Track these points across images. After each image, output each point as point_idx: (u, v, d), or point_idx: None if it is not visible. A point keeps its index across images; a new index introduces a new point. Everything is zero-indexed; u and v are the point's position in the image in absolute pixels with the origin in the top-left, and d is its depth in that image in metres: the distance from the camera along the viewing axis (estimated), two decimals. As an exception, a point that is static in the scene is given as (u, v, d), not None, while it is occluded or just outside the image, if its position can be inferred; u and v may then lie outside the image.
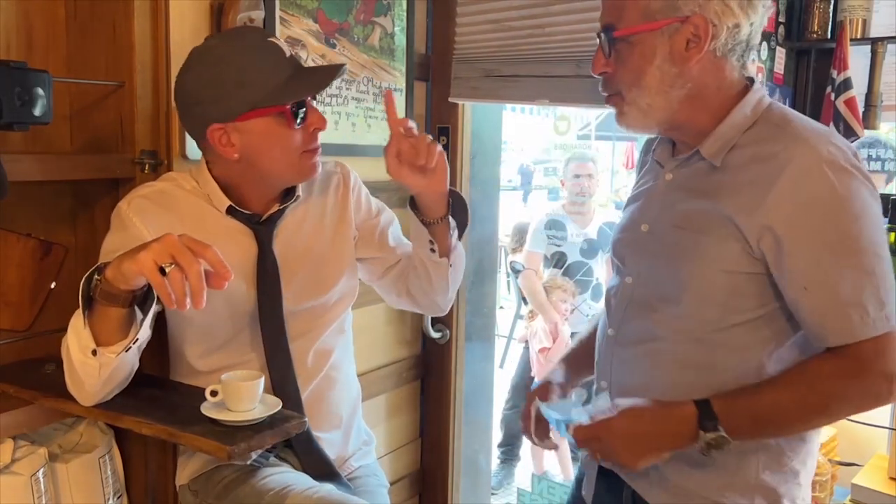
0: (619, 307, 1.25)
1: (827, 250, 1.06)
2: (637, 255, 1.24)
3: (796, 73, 2.02)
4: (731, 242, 1.10)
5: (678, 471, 1.18)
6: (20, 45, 1.47)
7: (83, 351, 1.17)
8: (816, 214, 1.06)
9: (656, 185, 1.25)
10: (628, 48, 1.13)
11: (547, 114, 17.64)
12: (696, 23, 1.09)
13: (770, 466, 1.16)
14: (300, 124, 1.30)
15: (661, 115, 1.16)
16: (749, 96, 1.16)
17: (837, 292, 1.06)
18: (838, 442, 1.94)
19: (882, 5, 1.84)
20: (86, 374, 1.20)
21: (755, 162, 1.10)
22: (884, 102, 1.76)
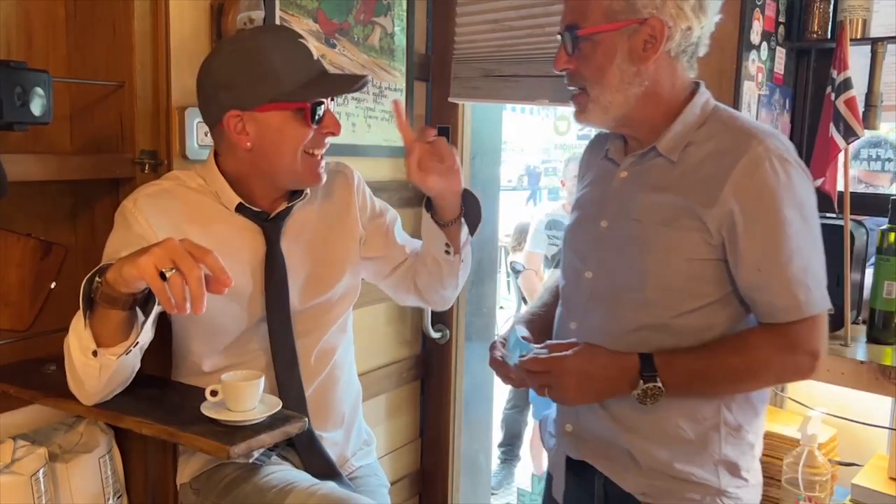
0: (580, 301, 1.32)
1: (778, 234, 1.16)
2: (598, 251, 1.30)
3: (796, 73, 2.02)
4: (693, 232, 1.19)
5: (647, 452, 1.25)
6: (20, 45, 1.47)
7: (84, 352, 1.17)
8: (767, 201, 1.16)
9: (611, 183, 1.31)
10: (591, 46, 1.21)
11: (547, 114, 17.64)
12: (654, 24, 1.18)
13: (730, 441, 1.25)
14: (316, 124, 1.32)
15: (620, 111, 1.24)
16: (697, 97, 1.26)
17: (787, 273, 1.17)
18: (838, 442, 1.94)
19: (882, 5, 1.84)
20: (86, 375, 1.20)
21: (710, 157, 1.20)
22: (884, 102, 1.76)
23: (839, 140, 1.66)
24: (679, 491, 1.25)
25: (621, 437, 1.26)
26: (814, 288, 1.19)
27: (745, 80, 1.77)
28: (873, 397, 1.69)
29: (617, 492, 1.28)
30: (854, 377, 1.57)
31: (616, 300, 1.26)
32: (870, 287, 1.74)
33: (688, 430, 1.24)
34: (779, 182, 1.16)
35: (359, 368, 1.65)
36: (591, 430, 1.30)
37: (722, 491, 1.25)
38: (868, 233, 1.83)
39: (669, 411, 1.23)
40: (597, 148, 1.43)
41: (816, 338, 1.20)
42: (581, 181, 1.46)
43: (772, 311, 1.20)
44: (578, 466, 1.34)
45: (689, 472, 1.24)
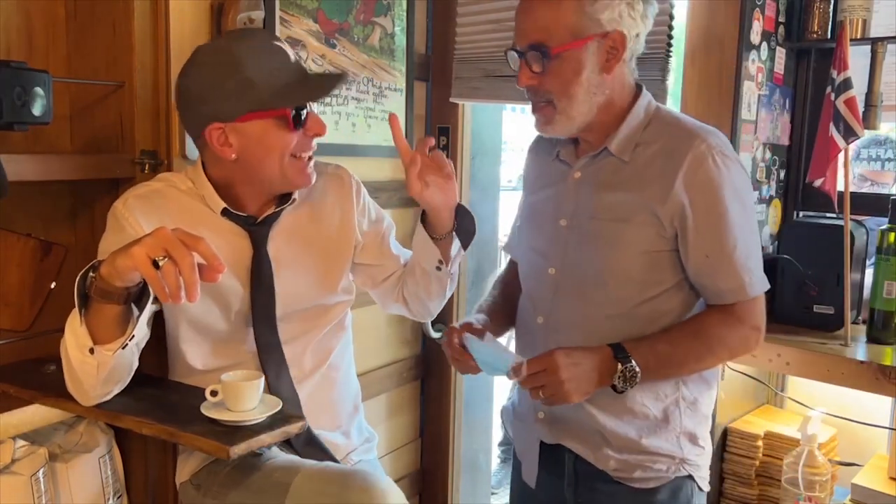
0: (546, 296, 1.38)
1: (723, 224, 1.26)
2: (559, 248, 1.36)
3: (796, 73, 2.02)
4: (648, 227, 1.27)
5: (617, 432, 1.33)
6: (20, 45, 1.47)
7: (80, 349, 1.17)
8: (712, 194, 1.25)
9: (565, 184, 1.38)
10: (559, 63, 1.26)
11: (547, 114, 17.59)
12: (615, 37, 1.25)
13: (688, 414, 1.36)
14: (300, 128, 1.31)
15: (584, 119, 1.30)
16: (641, 100, 1.34)
17: (732, 258, 1.27)
18: (838, 442, 1.94)
19: (882, 5, 1.84)
20: (84, 374, 1.20)
21: (659, 156, 1.28)
22: (884, 102, 1.76)
23: (839, 140, 1.66)
24: (648, 463, 1.34)
25: (592, 419, 1.33)
26: (755, 271, 1.30)
27: (745, 80, 1.77)
28: (873, 397, 1.69)
29: (587, 469, 1.37)
30: (854, 377, 1.57)
31: (581, 293, 1.33)
32: (870, 287, 1.74)
33: (652, 407, 1.34)
34: (721, 176, 1.25)
35: (359, 368, 1.64)
36: (563, 415, 1.37)
37: (684, 459, 1.36)
38: (868, 233, 1.83)
39: (635, 392, 1.31)
40: (543, 151, 1.47)
41: (759, 314, 1.32)
42: (530, 183, 1.50)
43: (719, 294, 1.30)
44: (549, 451, 1.41)
45: (656, 445, 1.34)
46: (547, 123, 1.32)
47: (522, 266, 1.49)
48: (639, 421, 1.33)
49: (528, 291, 1.46)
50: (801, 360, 1.65)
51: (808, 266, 1.76)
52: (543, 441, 1.42)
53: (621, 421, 1.33)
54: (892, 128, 2.11)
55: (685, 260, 1.29)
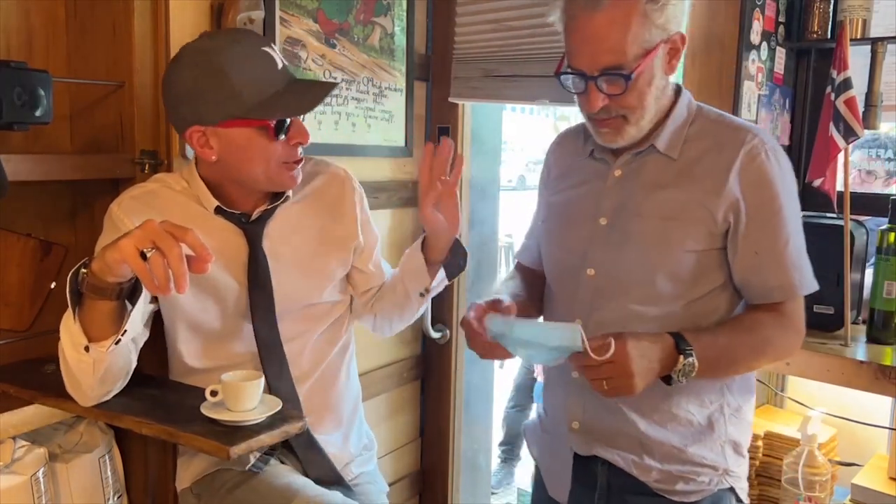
0: (584, 299, 1.32)
1: (777, 219, 1.24)
2: (598, 248, 1.31)
3: (796, 73, 2.02)
4: (698, 224, 1.24)
5: (660, 440, 1.28)
6: (20, 45, 1.47)
7: (76, 348, 1.17)
8: (766, 189, 1.23)
9: (604, 181, 1.33)
10: (637, 80, 1.20)
11: (547, 114, 17.63)
12: (676, 38, 1.22)
13: (733, 422, 1.32)
14: (281, 137, 1.30)
15: (651, 125, 1.28)
16: (683, 97, 1.31)
17: (783, 255, 1.24)
18: (838, 442, 1.94)
19: (882, 5, 1.84)
20: (81, 373, 1.20)
21: (709, 152, 1.26)
22: (884, 102, 1.76)
23: (839, 140, 1.66)
24: (691, 475, 1.29)
25: (633, 427, 1.28)
26: (805, 270, 1.27)
27: (745, 80, 1.77)
28: (873, 397, 1.69)
29: (622, 482, 1.31)
30: (854, 377, 1.57)
31: (624, 296, 1.28)
32: (870, 287, 1.74)
33: (696, 414, 1.29)
34: (774, 171, 1.24)
35: (359, 368, 1.64)
36: (599, 424, 1.31)
37: (727, 470, 1.31)
38: (868, 233, 1.83)
39: (679, 397, 1.27)
40: (570, 147, 1.43)
41: (802, 316, 1.29)
42: (556, 181, 1.45)
43: (767, 292, 1.26)
44: (582, 464, 1.35)
45: (701, 455, 1.29)
46: (617, 135, 1.26)
47: (553, 267, 1.42)
48: (682, 428, 1.28)
49: (561, 295, 1.39)
50: (800, 360, 1.64)
51: (808, 266, 1.76)
52: (577, 453, 1.35)
53: (665, 428, 1.28)
54: (893, 127, 2.11)
55: (732, 256, 1.25)
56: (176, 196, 1.37)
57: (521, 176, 17.19)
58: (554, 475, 1.41)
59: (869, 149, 2.23)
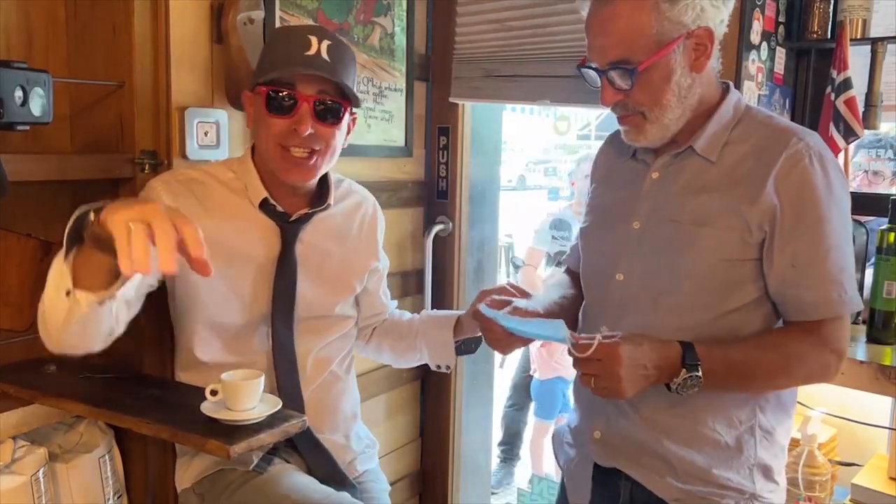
0: (611, 304, 1.28)
1: (817, 230, 1.15)
2: (630, 253, 1.27)
3: (796, 73, 2.02)
4: (732, 232, 1.17)
5: (683, 458, 1.22)
6: (20, 45, 1.47)
7: (58, 289, 1.08)
8: (807, 197, 1.15)
9: (641, 184, 1.29)
10: (647, 75, 1.16)
11: (547, 114, 17.65)
12: (700, 33, 1.16)
13: (764, 445, 1.24)
14: (273, 113, 1.31)
15: (678, 125, 1.22)
16: (730, 96, 1.25)
17: (822, 269, 1.16)
18: (838, 442, 1.94)
19: (882, 5, 1.84)
20: (53, 315, 1.12)
21: (749, 156, 1.19)
22: (884, 102, 1.76)
23: (839, 140, 1.66)
24: (715, 497, 1.23)
25: (656, 441, 1.24)
26: (848, 287, 1.17)
27: (745, 80, 1.77)
28: (873, 397, 1.69)
29: (645, 498, 1.26)
30: (854, 377, 1.57)
31: (652, 303, 1.23)
32: (870, 287, 1.74)
33: (724, 434, 1.22)
34: (818, 179, 1.15)
35: (359, 368, 1.65)
36: (622, 436, 1.27)
37: (756, 495, 1.24)
38: (868, 233, 1.83)
39: (706, 415, 1.22)
40: (616, 149, 1.39)
41: (843, 337, 1.19)
42: (597, 183, 1.42)
43: (802, 308, 1.18)
44: (603, 475, 1.31)
45: (726, 477, 1.22)
46: (638, 134, 1.22)
47: (585, 270, 1.39)
48: (709, 448, 1.22)
49: (592, 299, 1.36)
50: (801, 360, 1.64)
51: (808, 266, 1.75)
52: (597, 463, 1.31)
53: (689, 447, 1.22)
54: (892, 127, 2.11)
55: (767, 268, 1.17)
56: (220, 188, 1.39)
57: (521, 176, 17.20)
58: (575, 483, 1.38)
59: (871, 149, 2.23)
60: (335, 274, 1.48)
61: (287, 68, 1.30)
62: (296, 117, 1.31)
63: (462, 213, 2.31)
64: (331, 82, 1.31)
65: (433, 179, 2.31)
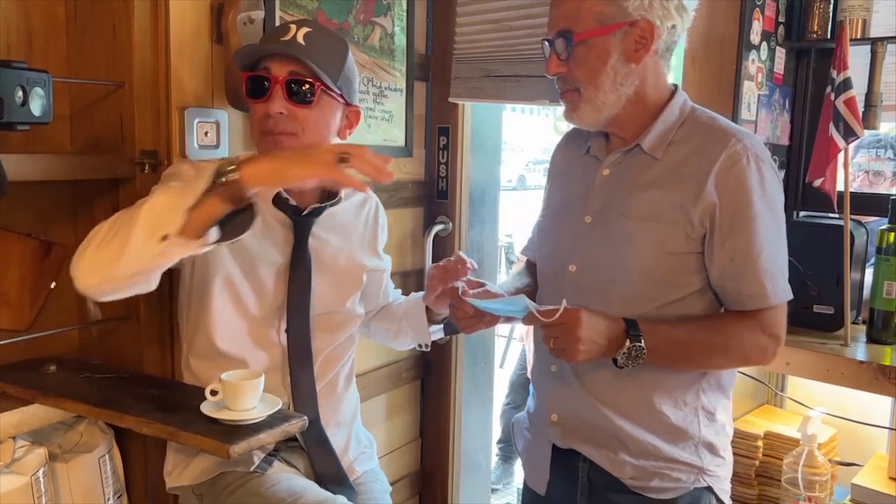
0: (565, 294, 1.31)
1: (750, 227, 1.23)
2: (582, 245, 1.34)
3: (796, 73, 2.02)
4: (676, 226, 1.25)
5: (636, 437, 1.30)
6: (20, 45, 1.47)
7: (154, 232, 1.08)
8: (743, 196, 1.23)
9: (593, 180, 1.35)
10: (585, 50, 1.25)
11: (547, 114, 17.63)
12: (643, 26, 1.24)
13: (706, 424, 1.33)
14: (252, 98, 1.33)
15: (611, 111, 1.29)
16: (676, 98, 1.32)
17: (757, 264, 1.24)
18: (838, 442, 1.94)
19: (882, 5, 1.84)
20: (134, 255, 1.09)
21: (692, 155, 1.26)
22: (884, 102, 1.76)
23: (839, 140, 1.66)
24: (666, 471, 1.30)
25: (610, 422, 1.31)
26: (779, 279, 1.27)
27: (745, 80, 1.77)
28: (873, 397, 1.69)
29: (602, 479, 1.33)
30: (854, 377, 1.58)
31: (602, 293, 1.30)
32: (870, 287, 1.74)
33: (672, 415, 1.31)
34: (753, 178, 1.23)
35: (359, 368, 1.65)
36: (578, 418, 1.34)
37: (704, 469, 1.33)
38: (868, 233, 1.83)
39: (654, 397, 1.30)
40: (572, 146, 1.46)
41: (779, 323, 1.29)
42: (553, 178, 1.49)
43: (740, 299, 1.27)
44: (562, 457, 1.38)
45: (676, 454, 1.31)
46: (573, 111, 1.30)
47: (541, 263, 1.46)
48: (658, 427, 1.30)
49: (546, 289, 1.43)
50: (800, 360, 1.65)
51: (808, 266, 1.76)
52: (556, 445, 1.38)
53: (640, 426, 1.30)
54: (892, 127, 2.11)
55: (709, 262, 1.26)
56: None
57: (521, 176, 17.18)
58: (534, 467, 1.44)
59: (871, 149, 2.23)
60: (345, 268, 1.50)
61: (257, 52, 1.33)
62: (269, 99, 1.32)
63: (462, 213, 2.32)
64: (303, 62, 1.30)
65: (433, 179, 2.31)
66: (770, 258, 1.25)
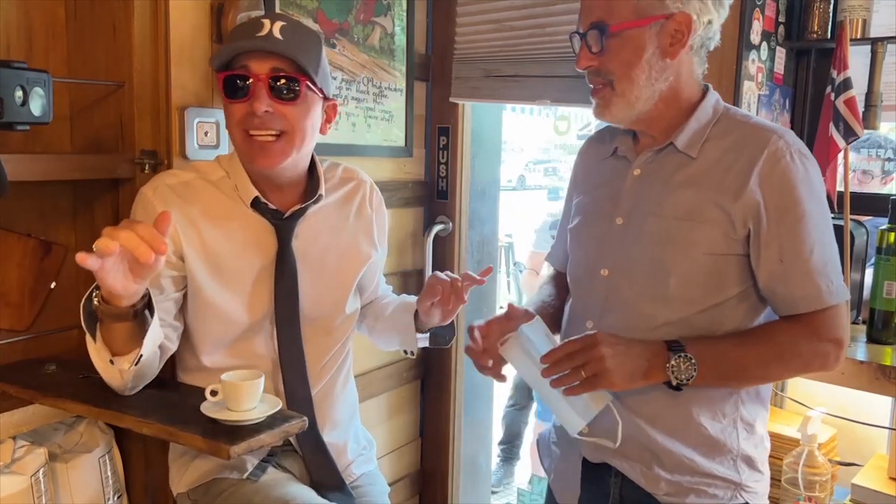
0: (597, 300, 1.30)
1: (800, 225, 1.18)
2: (614, 248, 1.29)
3: (796, 73, 2.02)
4: (715, 226, 1.20)
5: (671, 450, 1.25)
6: (20, 45, 1.47)
7: (102, 360, 1.20)
8: (790, 193, 1.18)
9: (623, 180, 1.31)
10: (619, 43, 1.20)
11: (547, 114, 17.64)
12: (680, 19, 1.20)
13: (745, 437, 1.27)
14: (231, 98, 1.29)
15: (645, 106, 1.24)
16: (710, 96, 1.28)
17: (809, 263, 1.19)
18: (838, 442, 1.94)
19: (882, 5, 1.84)
20: (111, 378, 1.24)
21: (730, 152, 1.22)
22: (884, 102, 1.76)
23: (839, 140, 1.66)
24: (703, 487, 1.25)
25: (643, 434, 1.25)
26: (834, 278, 1.20)
27: (745, 80, 1.77)
28: (873, 397, 1.69)
29: (635, 495, 1.27)
30: (854, 377, 1.57)
31: (636, 297, 1.25)
32: (870, 287, 1.74)
33: (709, 427, 1.25)
34: (799, 175, 1.19)
35: (359, 368, 1.65)
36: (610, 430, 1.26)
37: (742, 485, 1.27)
38: (868, 233, 1.83)
39: (692, 407, 1.24)
40: (596, 149, 1.42)
41: (839, 326, 1.21)
42: (581, 183, 1.44)
43: (793, 302, 1.21)
44: (592, 472, 1.32)
45: (713, 468, 1.25)
46: (605, 107, 1.25)
47: (572, 268, 1.40)
48: (694, 440, 1.24)
49: (577, 295, 1.37)
50: (800, 360, 1.64)
51: (808, 266, 1.75)
52: (587, 459, 1.32)
53: (675, 439, 1.24)
54: (892, 128, 2.11)
55: (756, 264, 1.20)
56: (210, 189, 1.36)
57: (521, 176, 17.18)
58: (563, 482, 1.39)
59: (860, 148, 2.23)
60: (337, 267, 1.45)
61: (235, 49, 1.28)
62: (251, 98, 1.28)
63: (462, 213, 2.32)
64: (284, 58, 1.28)
65: (433, 179, 2.31)
66: (823, 257, 1.19)
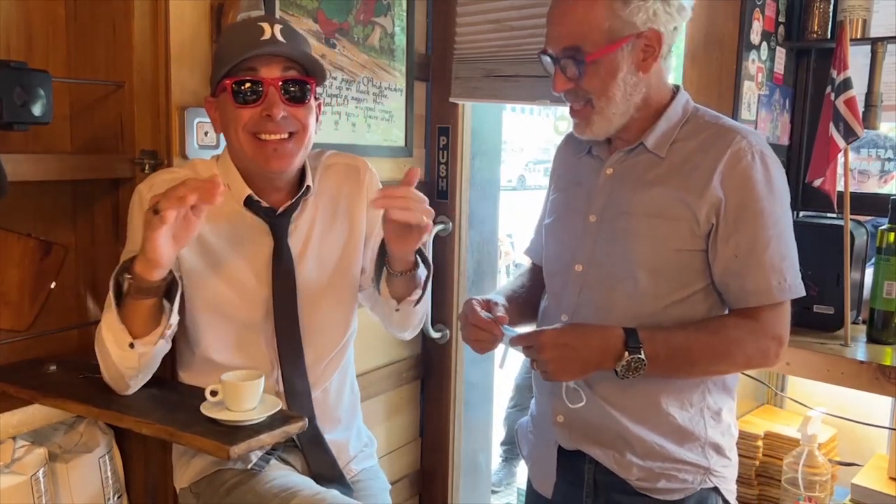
0: (571, 293, 1.35)
1: (757, 222, 1.23)
2: (587, 244, 1.33)
3: (796, 73, 2.02)
4: (682, 223, 1.25)
5: (642, 437, 1.29)
6: (20, 45, 1.47)
7: (120, 346, 1.21)
8: (749, 191, 1.23)
9: (597, 179, 1.35)
10: (595, 67, 1.24)
11: (547, 114, 17.63)
12: (650, 36, 1.23)
13: (712, 425, 1.32)
14: (241, 104, 1.28)
15: (621, 120, 1.29)
16: (679, 97, 1.33)
17: (763, 258, 1.23)
18: (838, 442, 1.94)
19: (882, 5, 1.84)
20: (126, 367, 1.25)
21: (697, 152, 1.27)
22: (884, 102, 1.76)
23: (839, 140, 1.66)
24: (673, 472, 1.30)
25: (615, 422, 1.30)
26: (788, 276, 1.25)
27: (745, 80, 1.77)
28: (873, 397, 1.69)
29: (607, 480, 1.32)
30: (854, 377, 1.58)
31: (608, 291, 1.30)
32: (870, 287, 1.74)
33: (678, 416, 1.30)
34: (759, 173, 1.23)
35: (359, 368, 1.64)
36: (584, 418, 1.32)
37: (710, 470, 1.32)
38: (868, 233, 1.83)
39: (660, 397, 1.29)
40: (572, 147, 1.45)
41: (782, 324, 1.27)
42: (556, 181, 1.49)
43: (744, 296, 1.25)
44: (567, 459, 1.37)
45: (682, 454, 1.30)
46: (587, 126, 1.29)
47: (547, 263, 1.45)
48: (664, 428, 1.30)
49: (552, 289, 1.42)
50: (801, 360, 1.65)
51: (807, 266, 1.74)
52: (561, 446, 1.37)
53: (646, 427, 1.29)
54: (892, 127, 2.11)
55: (712, 258, 1.25)
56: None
57: (521, 176, 17.18)
58: (539, 469, 1.44)
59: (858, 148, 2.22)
60: (337, 258, 1.44)
61: (246, 54, 1.27)
62: (265, 103, 1.27)
63: (462, 213, 2.32)
64: (293, 61, 1.29)
65: (433, 179, 2.31)
66: (779, 253, 1.24)
